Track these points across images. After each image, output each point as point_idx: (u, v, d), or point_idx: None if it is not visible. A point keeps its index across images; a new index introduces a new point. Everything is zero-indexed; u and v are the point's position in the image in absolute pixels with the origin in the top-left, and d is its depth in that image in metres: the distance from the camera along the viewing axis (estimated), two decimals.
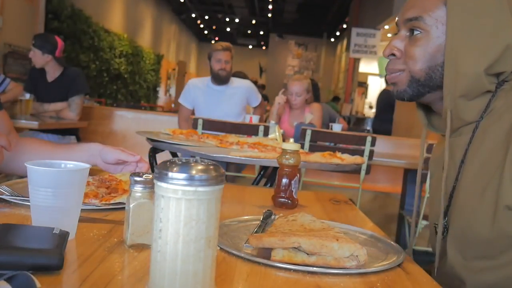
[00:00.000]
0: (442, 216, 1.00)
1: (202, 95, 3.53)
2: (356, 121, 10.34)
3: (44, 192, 0.75)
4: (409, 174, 3.29)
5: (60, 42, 3.62)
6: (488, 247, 0.91)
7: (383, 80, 8.36)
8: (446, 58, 0.94)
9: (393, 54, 1.01)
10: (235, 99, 3.52)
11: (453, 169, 0.99)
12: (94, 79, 9.68)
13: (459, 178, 0.97)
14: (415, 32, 0.97)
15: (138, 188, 0.77)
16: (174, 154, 2.39)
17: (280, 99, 3.63)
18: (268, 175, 2.45)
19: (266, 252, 0.77)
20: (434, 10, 0.95)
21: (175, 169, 0.55)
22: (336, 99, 11.28)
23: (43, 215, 0.76)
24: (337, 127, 3.77)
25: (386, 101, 7.04)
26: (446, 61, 0.94)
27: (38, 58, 3.51)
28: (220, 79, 3.49)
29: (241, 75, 4.33)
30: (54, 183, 0.75)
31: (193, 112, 3.64)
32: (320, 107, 3.86)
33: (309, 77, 4.25)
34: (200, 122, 2.90)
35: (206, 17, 19.00)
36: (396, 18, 1.03)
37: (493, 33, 0.92)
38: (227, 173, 3.22)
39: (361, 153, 2.93)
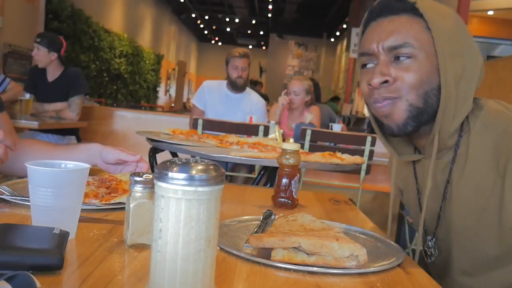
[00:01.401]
0: (428, 239, 1.02)
1: (217, 99, 3.51)
2: (356, 121, 10.34)
3: (44, 192, 0.75)
4: None
5: (64, 41, 3.64)
6: (497, 261, 0.93)
7: None
8: (442, 82, 0.90)
9: (386, 81, 0.92)
10: (247, 109, 3.51)
11: (436, 191, 1.00)
12: (94, 79, 9.69)
13: (448, 199, 0.98)
14: (403, 57, 0.91)
15: (138, 188, 0.77)
16: (174, 154, 2.39)
17: (283, 100, 3.64)
18: (268, 175, 2.45)
19: (266, 252, 0.77)
20: (418, 34, 0.91)
21: (175, 169, 0.55)
22: (335, 99, 11.27)
23: (43, 215, 0.76)
24: (337, 127, 3.78)
25: None
26: (442, 85, 0.90)
27: (43, 56, 3.50)
28: (236, 87, 3.48)
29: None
30: (54, 183, 0.75)
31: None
32: (319, 109, 3.87)
33: (309, 77, 4.27)
34: (200, 122, 2.90)
35: (206, 17, 19.01)
36: (367, 49, 0.95)
37: (472, 53, 0.93)
38: (237, 174, 3.22)
39: (361, 153, 2.93)
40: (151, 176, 0.78)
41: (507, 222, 0.88)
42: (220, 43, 23.71)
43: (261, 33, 20.23)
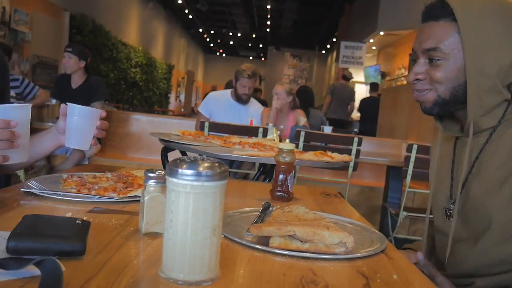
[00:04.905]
0: (455, 201, 1.02)
1: (222, 108, 3.52)
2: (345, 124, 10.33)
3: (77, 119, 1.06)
4: (391, 171, 3.29)
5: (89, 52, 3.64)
6: (501, 233, 0.95)
7: (367, 88, 8.37)
8: (468, 78, 0.94)
9: (418, 79, 1.00)
10: (250, 115, 3.53)
11: (467, 164, 1.02)
12: (112, 86, 9.68)
13: (473, 172, 1.00)
14: (435, 59, 0.96)
15: (151, 183, 0.77)
16: (183, 153, 2.39)
17: (276, 104, 3.65)
18: (267, 171, 2.45)
19: (264, 240, 0.77)
20: (449, 39, 0.94)
21: (184, 166, 0.55)
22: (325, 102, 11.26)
23: (74, 135, 1.07)
24: (327, 129, 3.78)
25: (368, 107, 7.22)
26: (468, 81, 0.94)
27: (74, 63, 3.47)
28: (242, 101, 3.50)
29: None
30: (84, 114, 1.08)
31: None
32: (303, 112, 3.87)
33: (303, 84, 4.30)
34: (206, 124, 2.90)
35: (212, 32, 19.01)
36: (414, 48, 1.02)
37: (503, 49, 0.93)
38: (242, 171, 3.23)
39: (349, 152, 2.92)
40: (163, 172, 0.78)
41: None
42: (224, 55, 23.70)
43: (260, 45, 20.22)
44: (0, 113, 0.91)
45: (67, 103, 1.09)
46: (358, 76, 11.78)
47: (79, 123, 1.07)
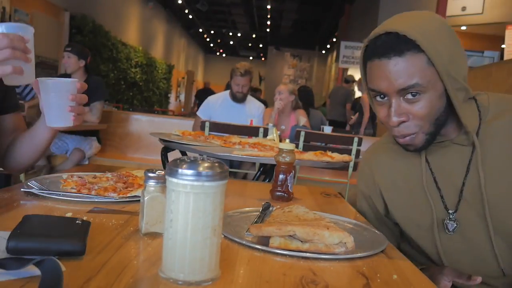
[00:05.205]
0: (449, 213, 1.00)
1: (222, 109, 3.52)
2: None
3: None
4: None
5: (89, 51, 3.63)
6: None
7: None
8: (455, 104, 0.92)
9: (404, 121, 0.94)
10: (250, 115, 3.52)
11: (457, 170, 1.00)
12: (112, 86, 9.69)
13: (469, 176, 0.98)
14: (413, 95, 0.90)
15: (151, 183, 0.77)
16: (183, 153, 2.39)
17: (278, 104, 3.66)
18: (267, 171, 2.45)
19: (265, 240, 0.77)
20: (423, 71, 0.89)
21: (184, 166, 0.55)
22: (326, 104, 11.30)
23: (49, 112, 1.03)
24: (327, 129, 3.78)
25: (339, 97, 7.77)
26: (453, 102, 0.92)
27: (74, 63, 3.46)
28: (236, 99, 3.50)
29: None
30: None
31: None
32: (305, 112, 3.88)
33: (303, 84, 4.34)
34: (207, 124, 2.90)
35: (212, 32, 19.03)
36: (379, 89, 0.94)
37: (460, 57, 0.93)
38: (242, 171, 3.23)
39: (348, 152, 2.93)
40: (163, 172, 0.78)
41: None
42: (224, 55, 23.72)
43: (261, 45, 20.24)
44: (6, 29, 0.93)
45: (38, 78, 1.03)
46: (358, 76, 11.78)
47: (52, 98, 1.02)
